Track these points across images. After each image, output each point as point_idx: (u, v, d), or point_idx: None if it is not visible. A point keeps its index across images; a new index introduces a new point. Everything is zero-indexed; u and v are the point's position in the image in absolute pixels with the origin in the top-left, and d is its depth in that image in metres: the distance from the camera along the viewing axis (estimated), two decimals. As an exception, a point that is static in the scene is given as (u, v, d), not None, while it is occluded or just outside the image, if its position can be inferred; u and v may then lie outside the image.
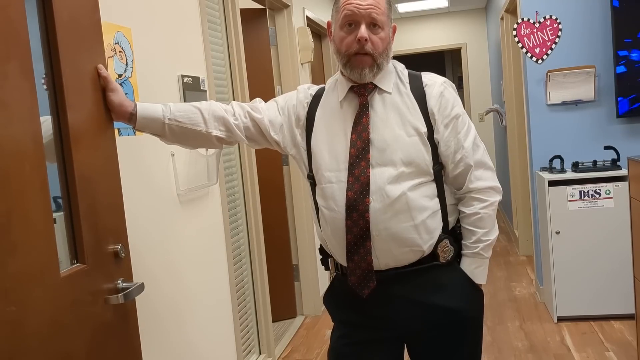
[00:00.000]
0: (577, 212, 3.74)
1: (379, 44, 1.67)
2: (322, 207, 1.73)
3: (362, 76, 1.69)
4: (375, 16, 1.65)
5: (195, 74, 2.61)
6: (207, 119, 1.75)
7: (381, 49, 1.68)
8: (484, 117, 7.75)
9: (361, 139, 1.68)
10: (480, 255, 1.74)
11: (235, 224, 3.05)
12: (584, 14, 3.96)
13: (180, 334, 2.35)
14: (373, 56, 1.67)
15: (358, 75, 1.69)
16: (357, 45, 1.65)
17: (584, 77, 3.96)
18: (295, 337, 3.97)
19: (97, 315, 1.47)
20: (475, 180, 1.72)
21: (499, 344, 3.57)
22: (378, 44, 1.67)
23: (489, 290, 4.53)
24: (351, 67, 1.68)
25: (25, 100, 1.27)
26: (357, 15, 1.65)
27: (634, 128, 3.95)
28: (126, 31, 2.05)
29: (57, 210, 1.41)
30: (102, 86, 1.59)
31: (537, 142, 4.14)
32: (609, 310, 3.75)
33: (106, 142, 1.59)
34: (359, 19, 1.65)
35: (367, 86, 1.73)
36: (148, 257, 2.12)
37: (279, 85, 4.18)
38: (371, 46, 1.66)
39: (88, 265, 1.44)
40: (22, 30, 1.28)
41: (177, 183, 2.37)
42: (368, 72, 1.68)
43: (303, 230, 4.29)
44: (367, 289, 1.69)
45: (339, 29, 1.70)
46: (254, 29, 3.94)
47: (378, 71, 1.70)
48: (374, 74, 1.69)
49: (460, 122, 1.72)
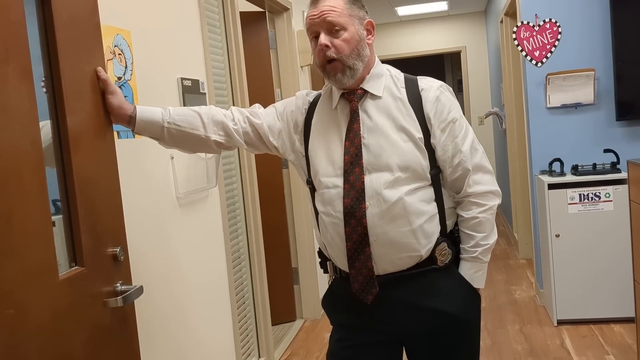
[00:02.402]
0: (577, 215, 3.74)
1: (342, 46, 1.66)
2: (321, 213, 1.73)
3: (337, 82, 1.69)
4: (330, 19, 1.65)
5: (195, 77, 2.61)
6: (206, 124, 1.75)
7: (347, 51, 1.66)
8: (484, 120, 7.75)
9: (354, 145, 1.68)
10: (479, 259, 1.74)
11: (234, 227, 3.05)
12: (583, 17, 3.97)
13: (180, 337, 2.35)
14: (341, 60, 1.66)
15: (334, 82, 1.70)
16: (322, 53, 1.67)
17: (584, 80, 3.96)
18: (295, 341, 3.97)
19: (96, 319, 1.46)
20: (474, 185, 1.71)
21: (499, 347, 3.56)
22: (341, 46, 1.66)
23: (488, 293, 4.53)
24: (327, 76, 1.70)
25: (24, 103, 1.27)
26: (315, 26, 1.67)
27: (634, 131, 3.95)
28: (126, 34, 2.05)
29: (57, 213, 1.41)
30: (101, 89, 1.59)
31: (536, 145, 4.14)
32: (609, 313, 3.75)
33: (105, 144, 1.59)
34: (317, 28, 1.67)
35: (357, 92, 1.72)
36: (147, 260, 2.12)
37: (279, 89, 4.18)
38: (334, 50, 1.65)
39: (87, 268, 1.44)
40: (22, 32, 1.28)
41: (176, 186, 2.37)
42: (341, 77, 1.68)
43: (302, 233, 4.29)
44: (371, 295, 1.69)
45: (311, 43, 1.73)
46: (253, 32, 3.94)
47: (353, 73, 1.68)
48: (350, 76, 1.68)
49: (457, 126, 1.71)
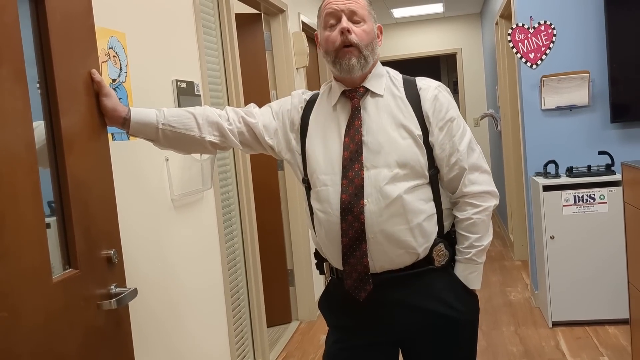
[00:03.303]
0: (572, 217, 3.74)
1: (362, 35, 1.68)
2: (317, 211, 1.73)
3: (350, 67, 1.68)
4: (354, 8, 1.68)
5: (190, 79, 2.61)
6: (201, 124, 1.75)
7: (366, 41, 1.69)
8: (479, 121, 7.77)
9: (354, 141, 1.68)
10: (473, 260, 1.74)
11: (229, 228, 3.04)
12: (578, 20, 3.98)
13: (174, 339, 2.34)
14: (359, 47, 1.68)
15: (346, 65, 1.68)
16: (341, 37, 1.67)
17: (578, 83, 3.97)
18: (290, 343, 3.96)
19: (90, 321, 1.46)
20: (470, 184, 1.71)
21: (494, 348, 3.57)
22: (362, 35, 1.68)
23: (484, 295, 4.53)
24: (339, 60, 1.69)
25: (18, 105, 1.26)
26: (337, 12, 1.69)
27: (628, 133, 3.97)
28: (120, 36, 2.05)
29: (51, 214, 1.40)
30: (95, 91, 1.58)
31: (531, 147, 4.15)
32: (604, 315, 3.76)
33: (100, 147, 1.59)
34: (339, 14, 1.69)
35: (359, 90, 1.74)
36: (141, 263, 2.11)
37: (274, 90, 4.18)
38: (355, 37, 1.67)
39: (81, 271, 1.43)
40: (15, 34, 1.28)
41: (171, 188, 2.37)
42: (356, 63, 1.68)
43: (298, 235, 4.29)
44: (364, 292, 1.69)
45: (323, 30, 1.73)
46: (249, 33, 3.94)
47: (365, 64, 1.70)
48: (362, 66, 1.69)
49: (455, 125, 1.72)
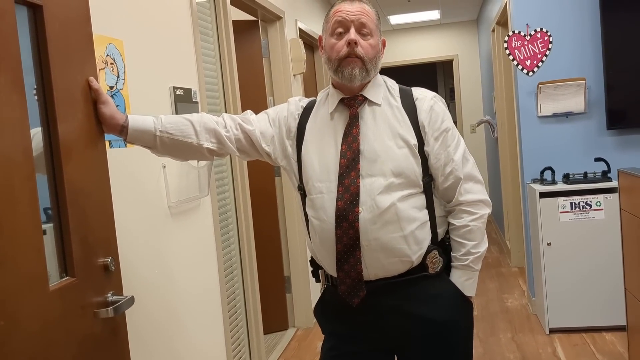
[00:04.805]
0: (568, 223, 3.75)
1: (369, 49, 1.69)
2: (312, 218, 1.74)
3: (352, 76, 1.69)
4: (364, 21, 1.69)
5: (187, 86, 2.61)
6: (198, 131, 1.75)
7: (371, 55, 1.70)
8: (476, 128, 7.78)
9: (351, 149, 1.69)
10: (470, 267, 1.75)
11: (226, 235, 3.04)
12: (574, 27, 4.00)
13: (171, 346, 2.33)
14: (363, 60, 1.69)
15: (348, 74, 1.69)
16: (347, 48, 1.68)
17: (575, 89, 3.99)
18: (287, 350, 3.95)
19: (87, 329, 1.46)
20: (465, 193, 1.73)
21: (491, 355, 3.56)
22: (368, 49, 1.69)
23: (480, 301, 4.53)
24: (342, 68, 1.69)
25: (15, 112, 1.26)
26: (346, 21, 1.68)
27: (624, 140, 3.98)
28: (118, 43, 2.05)
29: (48, 221, 1.40)
30: (93, 98, 1.58)
31: (528, 154, 4.16)
32: (601, 321, 3.76)
33: (97, 154, 1.59)
34: (348, 24, 1.68)
35: (357, 98, 1.74)
36: (139, 270, 2.11)
37: (271, 97, 4.19)
38: (362, 50, 1.68)
39: (78, 279, 1.43)
40: (13, 42, 1.28)
41: (168, 195, 2.36)
42: (357, 73, 1.69)
43: (295, 242, 4.28)
44: (357, 298, 1.69)
45: (329, 37, 1.73)
46: (246, 40, 3.95)
47: (366, 76, 1.71)
48: (363, 77, 1.70)
49: (450, 135, 1.74)
